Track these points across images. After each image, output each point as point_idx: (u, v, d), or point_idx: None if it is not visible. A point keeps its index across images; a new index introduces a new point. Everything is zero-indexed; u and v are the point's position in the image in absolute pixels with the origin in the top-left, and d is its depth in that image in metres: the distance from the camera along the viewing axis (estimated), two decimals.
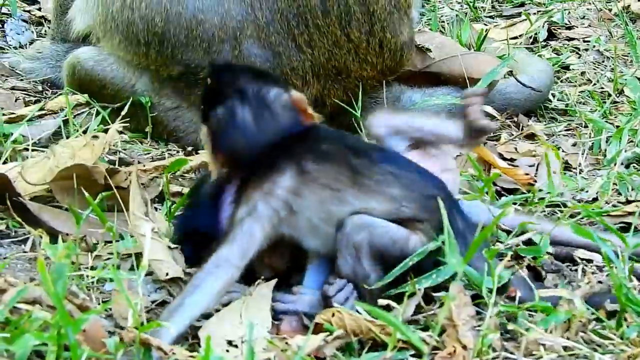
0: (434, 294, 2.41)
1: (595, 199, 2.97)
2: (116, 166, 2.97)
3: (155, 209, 2.81)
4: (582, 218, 2.84)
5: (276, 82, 2.73)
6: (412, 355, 2.24)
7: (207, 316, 2.35)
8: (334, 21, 3.20)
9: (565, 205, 2.93)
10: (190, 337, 2.30)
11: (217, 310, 2.36)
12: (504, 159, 3.25)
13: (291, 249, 2.54)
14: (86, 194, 2.64)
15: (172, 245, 2.61)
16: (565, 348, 2.29)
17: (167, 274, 2.51)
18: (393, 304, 2.34)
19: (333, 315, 2.33)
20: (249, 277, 2.45)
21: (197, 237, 2.59)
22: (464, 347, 2.25)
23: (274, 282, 2.47)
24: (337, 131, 2.73)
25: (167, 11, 3.15)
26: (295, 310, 2.45)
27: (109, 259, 2.59)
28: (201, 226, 2.61)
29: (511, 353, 2.29)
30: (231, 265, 2.38)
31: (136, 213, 2.66)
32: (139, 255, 2.56)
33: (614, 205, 2.96)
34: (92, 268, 2.55)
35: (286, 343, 2.28)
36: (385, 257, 2.39)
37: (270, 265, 2.55)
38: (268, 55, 3.08)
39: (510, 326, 2.37)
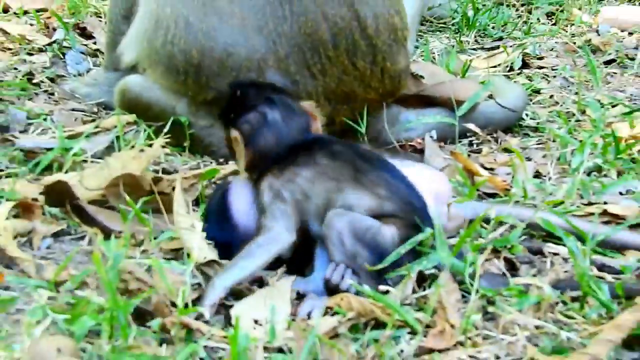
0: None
1: (561, 202, 2.96)
2: (160, 175, 2.98)
3: (193, 210, 2.82)
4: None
5: (288, 93, 2.85)
6: (408, 333, 2.25)
7: (238, 297, 2.38)
8: (343, 53, 3.23)
9: (536, 207, 2.93)
10: (224, 318, 2.32)
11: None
12: (485, 168, 3.25)
13: (302, 233, 2.57)
14: (127, 197, 2.67)
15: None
16: (536, 327, 2.30)
17: (205, 257, 2.51)
18: (391, 289, 2.36)
19: (342, 299, 2.34)
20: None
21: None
22: (452, 326, 2.29)
23: (293, 277, 2.50)
24: (348, 142, 2.84)
25: (202, 46, 3.17)
26: (308, 292, 2.47)
27: (153, 253, 2.60)
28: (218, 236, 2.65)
29: (490, 330, 2.30)
30: (285, 238, 2.52)
31: (179, 211, 2.68)
32: (180, 250, 2.59)
33: (577, 207, 2.96)
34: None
35: (306, 324, 2.29)
36: (362, 240, 2.44)
37: None
38: (287, 82, 3.09)
39: (490, 308, 2.38)
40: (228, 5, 3.17)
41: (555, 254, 2.72)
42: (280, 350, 2.19)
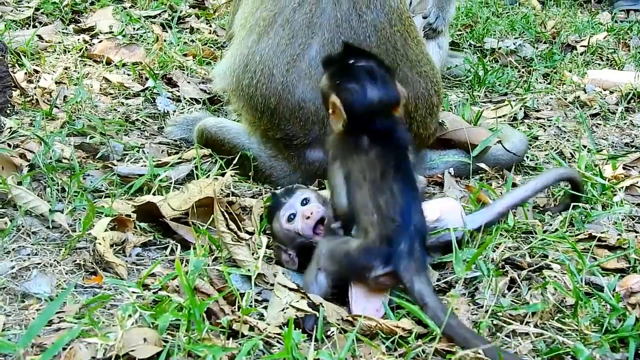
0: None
1: (556, 230, 2.91)
2: (231, 198, 2.96)
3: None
4: (548, 243, 2.79)
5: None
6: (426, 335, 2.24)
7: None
8: None
9: (536, 233, 2.88)
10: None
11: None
12: (494, 200, 3.20)
13: None
14: (220, 215, 2.64)
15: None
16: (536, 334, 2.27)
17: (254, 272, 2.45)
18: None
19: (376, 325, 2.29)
20: None
21: None
22: None
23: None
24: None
25: (280, 95, 3.16)
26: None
27: (221, 262, 2.57)
28: None
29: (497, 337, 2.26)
30: None
31: (220, 227, 2.64)
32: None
33: (570, 233, 2.91)
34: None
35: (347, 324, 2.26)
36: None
37: None
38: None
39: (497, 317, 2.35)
40: (307, 69, 3.15)
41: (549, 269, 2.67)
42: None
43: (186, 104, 4.16)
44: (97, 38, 4.95)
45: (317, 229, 2.58)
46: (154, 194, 3.00)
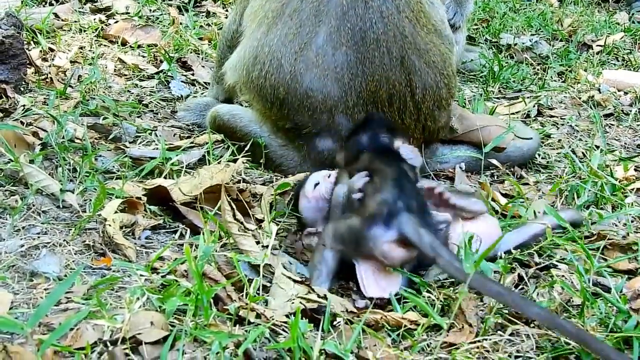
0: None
1: (566, 229, 2.90)
2: (241, 185, 2.96)
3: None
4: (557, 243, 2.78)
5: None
6: (434, 329, 2.24)
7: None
8: (395, 110, 3.21)
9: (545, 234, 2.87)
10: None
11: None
12: (505, 196, 3.20)
13: None
14: (225, 202, 2.64)
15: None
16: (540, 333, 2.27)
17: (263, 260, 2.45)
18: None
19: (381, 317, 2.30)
20: None
21: None
22: (470, 325, 2.26)
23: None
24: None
25: (288, 85, 3.16)
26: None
27: (230, 249, 2.57)
28: None
29: (502, 334, 2.27)
30: None
31: (228, 218, 2.64)
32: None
33: (579, 232, 2.90)
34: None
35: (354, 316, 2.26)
36: None
37: None
38: (351, 126, 3.07)
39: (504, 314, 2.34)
40: (315, 58, 3.15)
41: (557, 268, 2.67)
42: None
43: (200, 88, 4.16)
44: (114, 18, 4.96)
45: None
46: (165, 178, 3.01)
